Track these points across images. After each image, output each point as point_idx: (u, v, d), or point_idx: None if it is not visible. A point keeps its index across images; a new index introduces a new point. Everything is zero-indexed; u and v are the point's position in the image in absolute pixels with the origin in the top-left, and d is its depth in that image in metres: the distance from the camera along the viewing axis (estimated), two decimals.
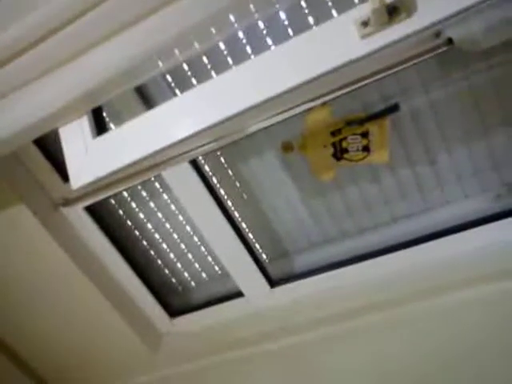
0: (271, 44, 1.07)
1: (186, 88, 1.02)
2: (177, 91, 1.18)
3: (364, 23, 0.71)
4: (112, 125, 1.20)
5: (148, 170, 1.13)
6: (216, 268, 1.49)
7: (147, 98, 1.17)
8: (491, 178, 1.17)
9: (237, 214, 1.37)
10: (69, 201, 1.31)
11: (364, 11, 0.70)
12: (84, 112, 0.93)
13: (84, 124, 0.93)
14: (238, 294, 1.45)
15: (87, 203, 1.34)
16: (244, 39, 1.08)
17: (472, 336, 1.19)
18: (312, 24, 1.03)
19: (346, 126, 1.13)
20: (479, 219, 1.18)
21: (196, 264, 1.50)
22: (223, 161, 1.30)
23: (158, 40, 0.78)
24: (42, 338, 1.55)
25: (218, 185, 1.32)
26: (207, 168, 1.30)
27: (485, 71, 1.04)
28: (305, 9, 1.02)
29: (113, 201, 1.42)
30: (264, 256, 1.45)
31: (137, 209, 1.42)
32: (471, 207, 1.21)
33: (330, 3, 1.00)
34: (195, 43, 0.86)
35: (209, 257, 1.47)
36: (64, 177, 1.31)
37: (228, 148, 1.22)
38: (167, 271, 1.53)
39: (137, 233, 1.47)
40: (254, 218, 1.39)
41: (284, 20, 1.04)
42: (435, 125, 1.13)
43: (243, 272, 1.40)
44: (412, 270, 1.22)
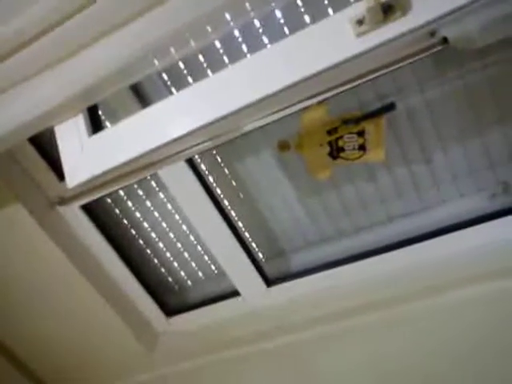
0: (267, 42, 1.07)
1: (182, 86, 1.02)
2: (173, 89, 1.18)
3: (359, 21, 0.71)
4: (108, 123, 1.20)
5: (144, 169, 1.13)
6: (212, 267, 1.49)
7: (143, 97, 1.17)
8: (487, 177, 1.18)
9: (233, 213, 1.37)
10: (65, 199, 1.30)
11: (359, 9, 0.71)
12: (80, 110, 0.93)
13: (80, 122, 0.93)
14: (235, 293, 1.45)
15: (83, 202, 1.33)
16: (240, 38, 1.08)
17: (471, 335, 1.19)
18: (308, 22, 1.03)
19: (343, 125, 1.13)
20: (475, 218, 1.18)
21: (192, 263, 1.50)
22: (219, 160, 1.30)
23: (154, 38, 0.78)
24: (40, 339, 1.55)
25: (215, 184, 1.32)
26: (203, 167, 1.30)
27: (480, 70, 1.04)
28: (300, 7, 1.02)
29: (109, 199, 1.41)
30: (260, 255, 1.45)
31: (133, 207, 1.42)
32: (467, 206, 1.21)
33: (326, 1, 1.01)
34: (191, 41, 0.86)
35: (205, 256, 1.47)
36: (60, 175, 1.31)
37: (224, 147, 1.22)
38: (163, 270, 1.53)
39: (133, 232, 1.46)
40: (251, 217, 1.39)
41: (280, 18, 1.04)
42: (431, 124, 1.13)
43: (239, 271, 1.39)
44: (408, 270, 1.22)
